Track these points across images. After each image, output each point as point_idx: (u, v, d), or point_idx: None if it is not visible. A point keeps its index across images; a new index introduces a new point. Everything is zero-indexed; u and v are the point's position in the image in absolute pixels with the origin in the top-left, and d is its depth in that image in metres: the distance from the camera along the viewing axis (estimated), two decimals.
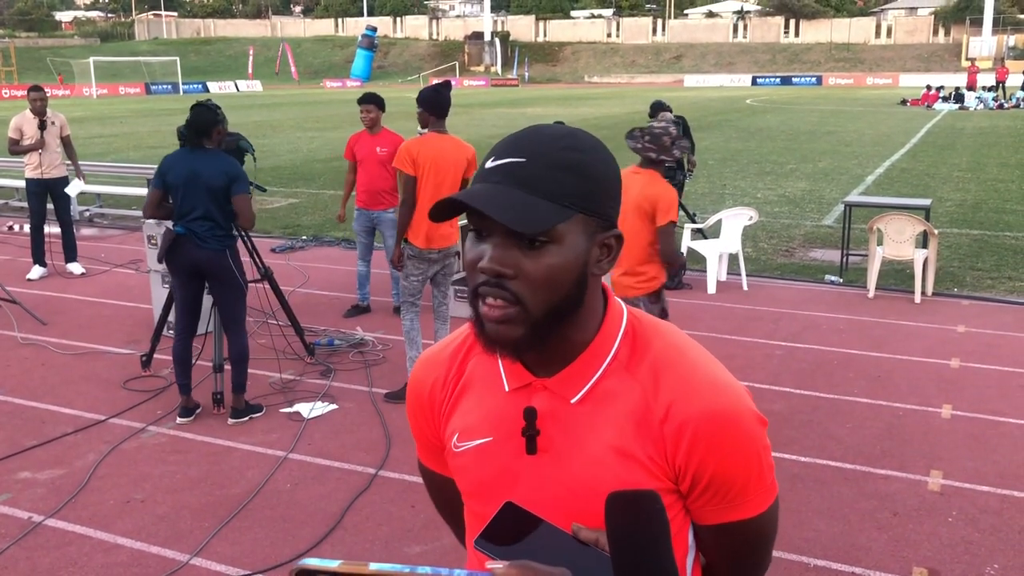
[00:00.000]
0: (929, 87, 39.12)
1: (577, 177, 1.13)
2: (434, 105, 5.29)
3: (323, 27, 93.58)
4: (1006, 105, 36.52)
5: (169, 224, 5.14)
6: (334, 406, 5.47)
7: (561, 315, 1.16)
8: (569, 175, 1.13)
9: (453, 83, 6.89)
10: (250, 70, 69.86)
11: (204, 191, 4.95)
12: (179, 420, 5.20)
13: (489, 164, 1.15)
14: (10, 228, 11.52)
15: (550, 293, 1.14)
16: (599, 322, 1.22)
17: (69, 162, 8.96)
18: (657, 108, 9.69)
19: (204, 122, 5.00)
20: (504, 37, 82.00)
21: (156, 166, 5.21)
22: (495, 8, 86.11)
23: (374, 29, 76.63)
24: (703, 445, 1.16)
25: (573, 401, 1.21)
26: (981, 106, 36.28)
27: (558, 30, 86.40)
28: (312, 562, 0.93)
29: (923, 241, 8.14)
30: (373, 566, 0.93)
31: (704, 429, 1.16)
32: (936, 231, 8.04)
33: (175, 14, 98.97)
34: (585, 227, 1.15)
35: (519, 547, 1.06)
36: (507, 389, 1.25)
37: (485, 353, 1.29)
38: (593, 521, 1.16)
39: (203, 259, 5.05)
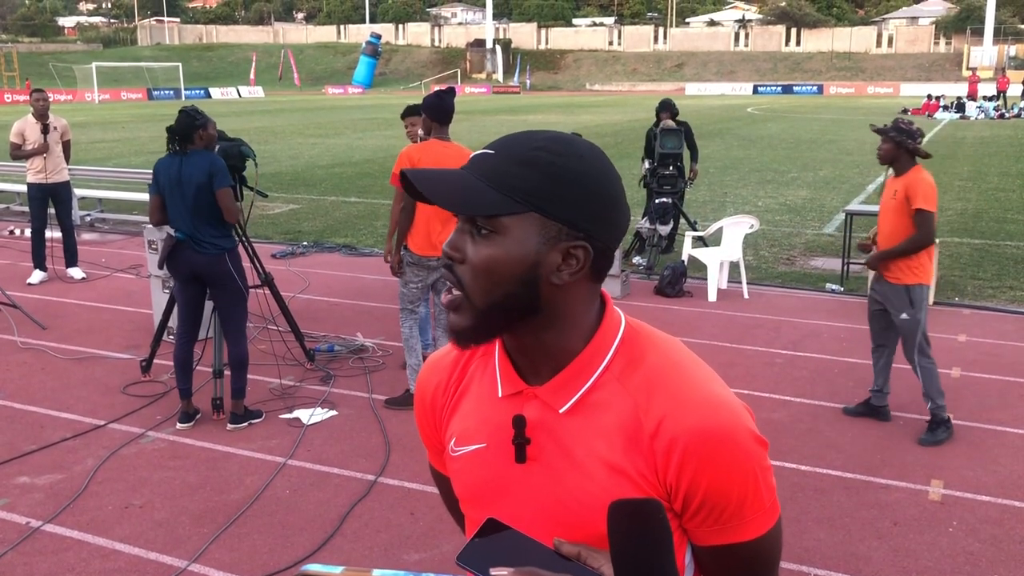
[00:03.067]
0: (930, 96, 39.19)
1: (540, 176, 1.12)
2: (437, 111, 5.27)
3: (325, 34, 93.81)
4: (1007, 115, 36.56)
5: (171, 230, 5.15)
6: (334, 412, 5.46)
7: (508, 313, 1.15)
8: (531, 172, 1.12)
9: (455, 90, 6.83)
10: (252, 76, 70.02)
11: (192, 192, 4.98)
12: (179, 425, 5.19)
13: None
14: (11, 232, 11.53)
15: (488, 284, 1.13)
16: (589, 331, 1.20)
17: (71, 167, 8.96)
18: (666, 106, 9.67)
19: (184, 128, 5.05)
20: (506, 44, 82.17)
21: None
22: (497, 15, 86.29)
23: (378, 36, 76.76)
24: (693, 463, 1.12)
25: (561, 411, 1.19)
26: (982, 115, 36.30)
27: (560, 38, 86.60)
28: (315, 568, 0.93)
29: None
30: (376, 572, 0.92)
31: (695, 446, 1.12)
32: (937, 240, 8.02)
33: (177, 20, 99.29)
34: (542, 228, 1.13)
35: (500, 564, 1.04)
36: (500, 395, 1.24)
37: (485, 357, 1.28)
38: (579, 533, 1.14)
39: (202, 264, 5.05)
